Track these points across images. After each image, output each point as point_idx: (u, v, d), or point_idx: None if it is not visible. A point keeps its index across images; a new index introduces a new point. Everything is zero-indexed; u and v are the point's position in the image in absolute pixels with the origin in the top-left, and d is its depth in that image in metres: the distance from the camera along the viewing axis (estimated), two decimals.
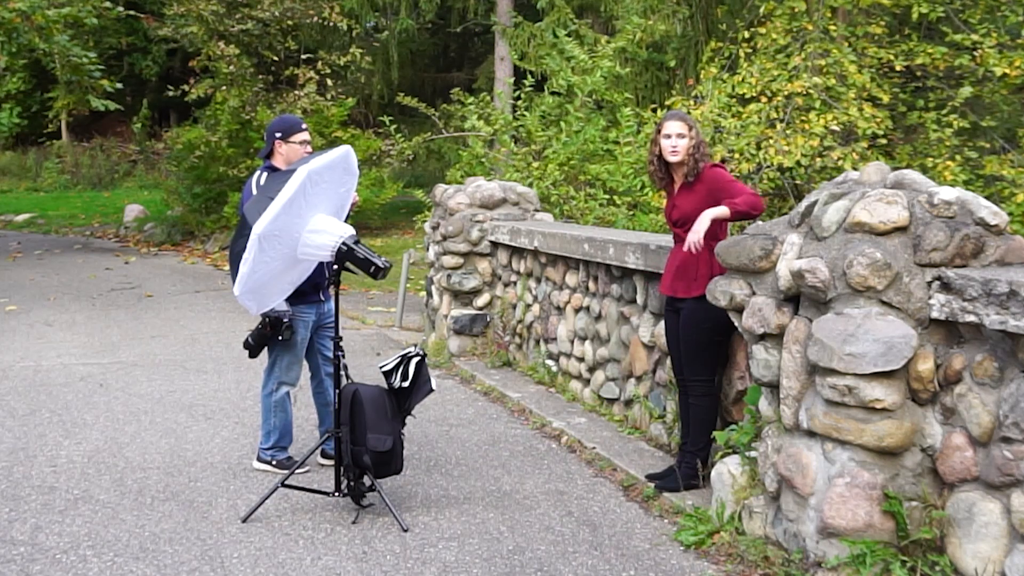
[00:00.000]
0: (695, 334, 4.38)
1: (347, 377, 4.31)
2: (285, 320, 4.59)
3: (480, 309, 7.59)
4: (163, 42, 21.80)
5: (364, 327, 9.18)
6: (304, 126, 4.87)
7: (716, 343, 4.41)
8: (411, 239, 14.53)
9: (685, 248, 4.21)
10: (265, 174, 4.73)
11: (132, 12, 18.31)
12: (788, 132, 9.07)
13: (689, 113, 9.09)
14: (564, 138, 9.48)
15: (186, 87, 15.98)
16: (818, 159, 8.95)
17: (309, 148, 4.79)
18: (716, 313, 4.07)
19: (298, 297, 4.55)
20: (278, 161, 4.78)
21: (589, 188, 9.17)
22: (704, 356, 4.40)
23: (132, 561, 3.74)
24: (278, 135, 4.78)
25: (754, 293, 3.73)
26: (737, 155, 8.79)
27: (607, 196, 8.97)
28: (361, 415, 4.17)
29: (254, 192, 4.61)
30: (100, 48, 20.52)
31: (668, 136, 4.38)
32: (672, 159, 4.40)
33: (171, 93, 16.22)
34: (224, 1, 15.15)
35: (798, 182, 9.43)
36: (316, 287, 4.72)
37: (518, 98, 10.77)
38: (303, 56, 15.76)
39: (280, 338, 4.66)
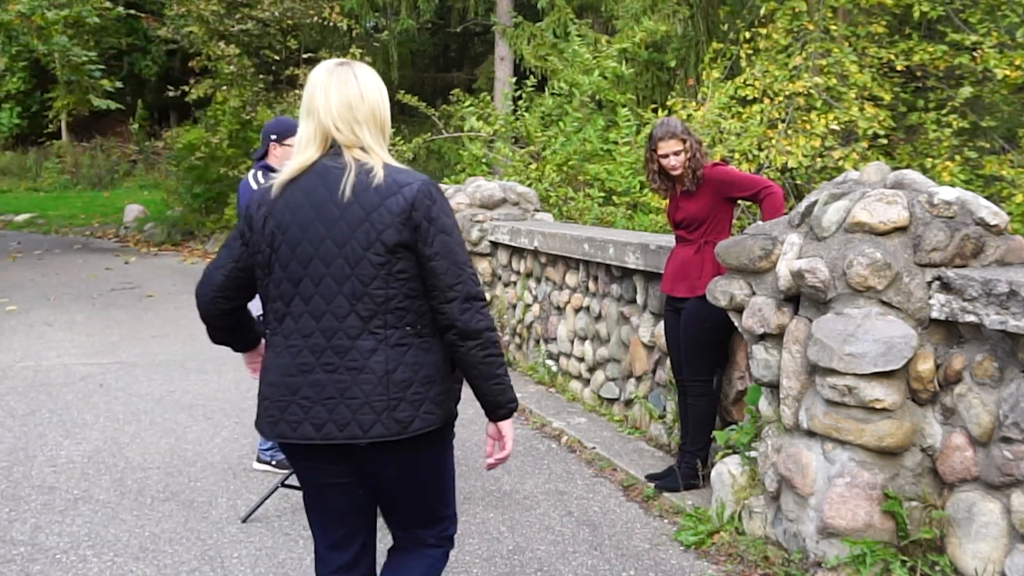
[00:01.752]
0: (696, 334, 4.38)
1: None
2: None
3: None
4: (163, 42, 21.77)
5: None
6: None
7: (716, 343, 4.42)
8: None
9: None
10: (260, 172, 4.74)
11: (132, 12, 18.31)
12: (789, 132, 9.06)
13: (690, 116, 9.10)
14: (562, 139, 9.47)
15: (186, 87, 15.98)
16: (818, 159, 8.96)
17: None
18: (717, 313, 4.08)
19: None
20: (273, 162, 4.80)
21: (588, 188, 9.18)
22: (704, 356, 4.40)
23: (132, 561, 3.74)
24: (273, 137, 4.80)
25: (754, 293, 3.73)
26: (738, 155, 8.79)
27: (603, 195, 8.96)
28: None
29: (253, 188, 4.61)
30: (100, 48, 20.48)
31: (666, 156, 4.39)
32: (674, 174, 4.43)
33: (171, 93, 16.21)
34: (224, 1, 15.14)
35: (798, 182, 9.43)
36: None
37: (519, 98, 10.76)
38: (303, 56, 15.74)
39: None
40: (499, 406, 2.42)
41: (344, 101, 2.26)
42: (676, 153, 4.36)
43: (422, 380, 2.26)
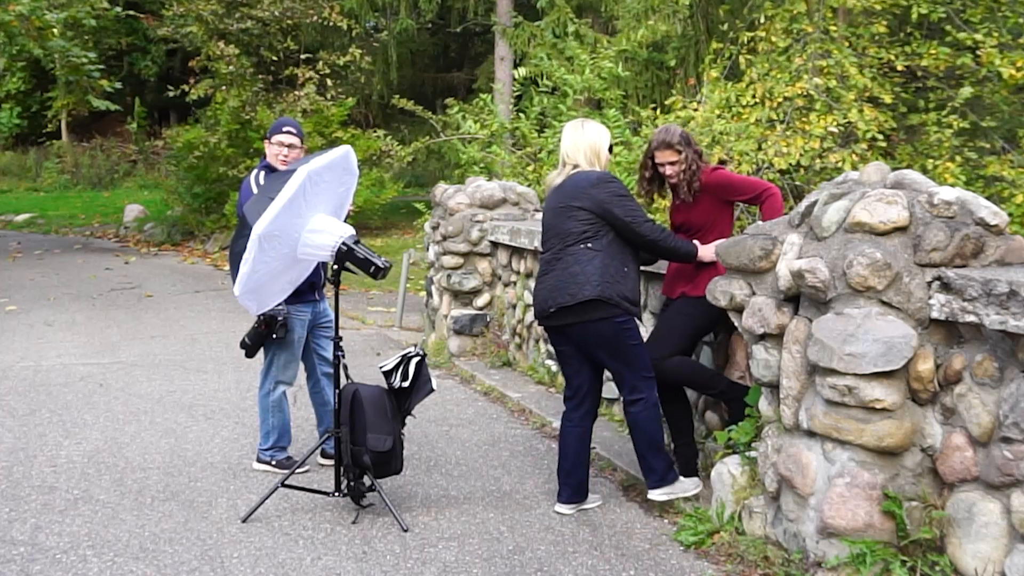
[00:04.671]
0: (677, 319, 4.40)
1: (347, 377, 4.31)
2: (280, 318, 4.59)
3: (480, 309, 7.59)
4: (163, 42, 21.79)
5: (364, 327, 9.18)
6: (287, 128, 4.86)
7: (689, 338, 4.41)
8: (411, 239, 14.53)
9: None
10: (263, 172, 4.76)
11: (132, 12, 18.30)
12: (788, 133, 9.06)
13: (690, 116, 9.08)
14: (558, 139, 9.47)
15: (186, 87, 15.96)
16: (817, 160, 8.95)
17: (286, 151, 4.78)
18: (702, 312, 4.21)
19: (294, 296, 4.55)
20: (269, 159, 4.83)
21: None
22: (671, 339, 4.37)
23: (132, 561, 3.74)
24: (266, 135, 4.91)
25: (754, 293, 3.73)
26: (737, 156, 8.78)
27: None
28: (361, 415, 4.17)
29: (253, 190, 4.63)
30: (100, 48, 20.47)
31: (662, 165, 4.41)
32: (671, 183, 4.46)
33: (171, 93, 16.20)
34: (224, 1, 15.13)
35: (798, 183, 9.42)
36: (312, 286, 4.72)
37: (519, 98, 10.76)
38: (303, 56, 15.73)
39: (275, 336, 4.66)
40: (687, 260, 4.26)
41: (571, 140, 4.23)
42: (672, 163, 4.37)
43: (587, 272, 3.98)
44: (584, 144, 4.17)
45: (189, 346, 8.16)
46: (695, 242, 4.29)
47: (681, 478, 4.22)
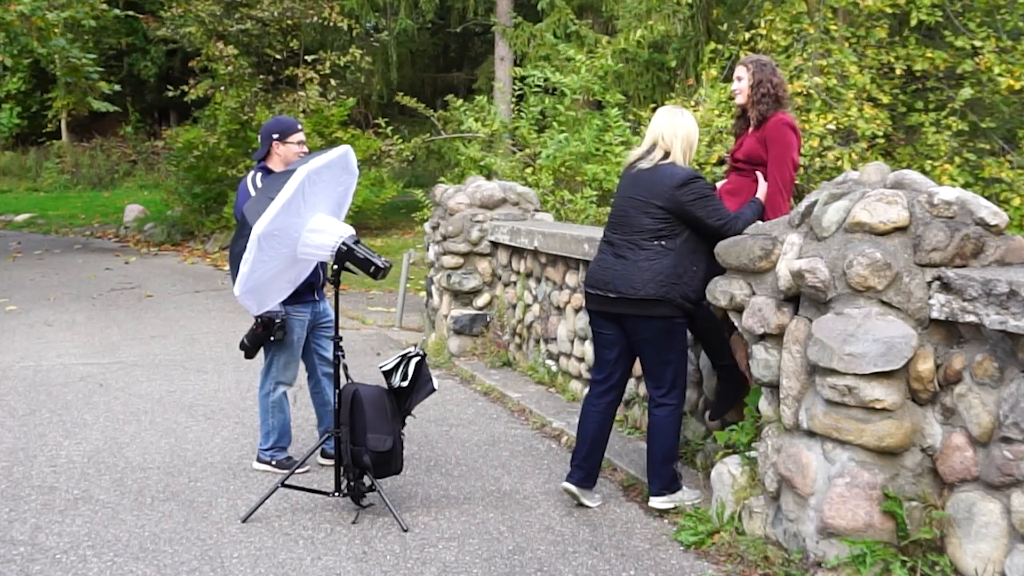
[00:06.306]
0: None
1: (347, 377, 4.31)
2: (277, 320, 4.59)
3: (480, 309, 7.59)
4: (162, 42, 21.78)
5: (364, 327, 9.18)
6: (299, 127, 4.88)
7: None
8: (411, 239, 14.52)
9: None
10: (260, 174, 4.74)
11: (131, 13, 18.30)
12: None
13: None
14: (557, 139, 9.48)
15: (185, 87, 15.95)
16: (817, 159, 8.95)
17: (305, 148, 4.80)
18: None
19: (293, 296, 4.54)
20: (274, 162, 4.78)
21: (587, 188, 9.18)
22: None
23: (132, 561, 3.74)
24: (275, 136, 4.78)
25: (754, 293, 3.73)
26: None
27: (596, 194, 8.97)
28: (361, 415, 4.17)
29: (251, 193, 4.62)
30: (99, 49, 20.47)
31: (736, 80, 4.52)
32: (737, 100, 4.54)
33: (170, 93, 16.19)
34: (222, 1, 15.11)
35: (798, 182, 9.41)
36: (311, 286, 4.72)
37: (521, 97, 10.75)
38: (308, 58, 15.71)
39: (272, 338, 4.66)
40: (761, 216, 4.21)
41: (670, 125, 4.16)
42: (739, 78, 4.47)
43: (655, 270, 4.02)
44: (682, 133, 4.12)
45: (189, 346, 8.15)
46: (758, 191, 4.41)
47: (684, 487, 4.22)
